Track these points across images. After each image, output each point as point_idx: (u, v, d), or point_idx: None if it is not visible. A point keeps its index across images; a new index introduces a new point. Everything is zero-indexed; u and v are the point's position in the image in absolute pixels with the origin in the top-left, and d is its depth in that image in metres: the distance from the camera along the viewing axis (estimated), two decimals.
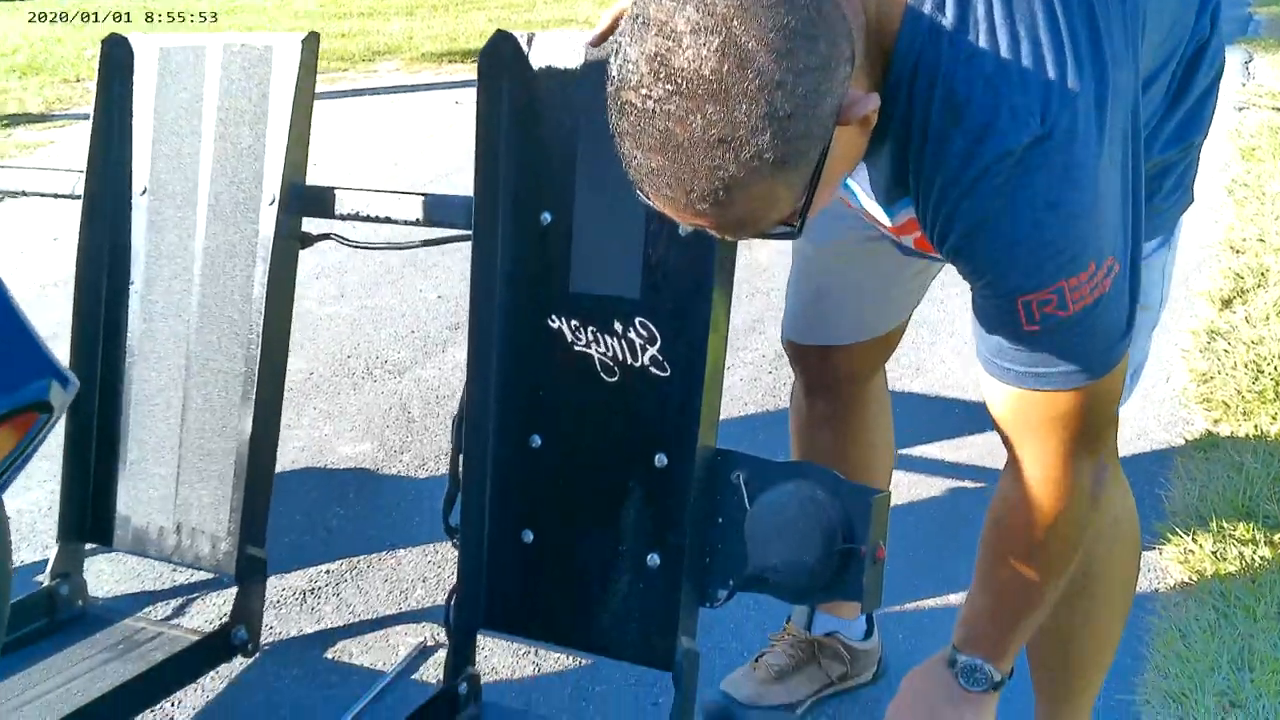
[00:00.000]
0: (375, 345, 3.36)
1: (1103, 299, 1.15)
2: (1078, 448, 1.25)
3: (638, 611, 1.64)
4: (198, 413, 1.85)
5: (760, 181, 1.01)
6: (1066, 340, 1.16)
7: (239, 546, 1.82)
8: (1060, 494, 1.28)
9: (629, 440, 1.60)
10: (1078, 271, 1.11)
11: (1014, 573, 1.33)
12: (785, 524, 1.49)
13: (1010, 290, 1.14)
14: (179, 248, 1.83)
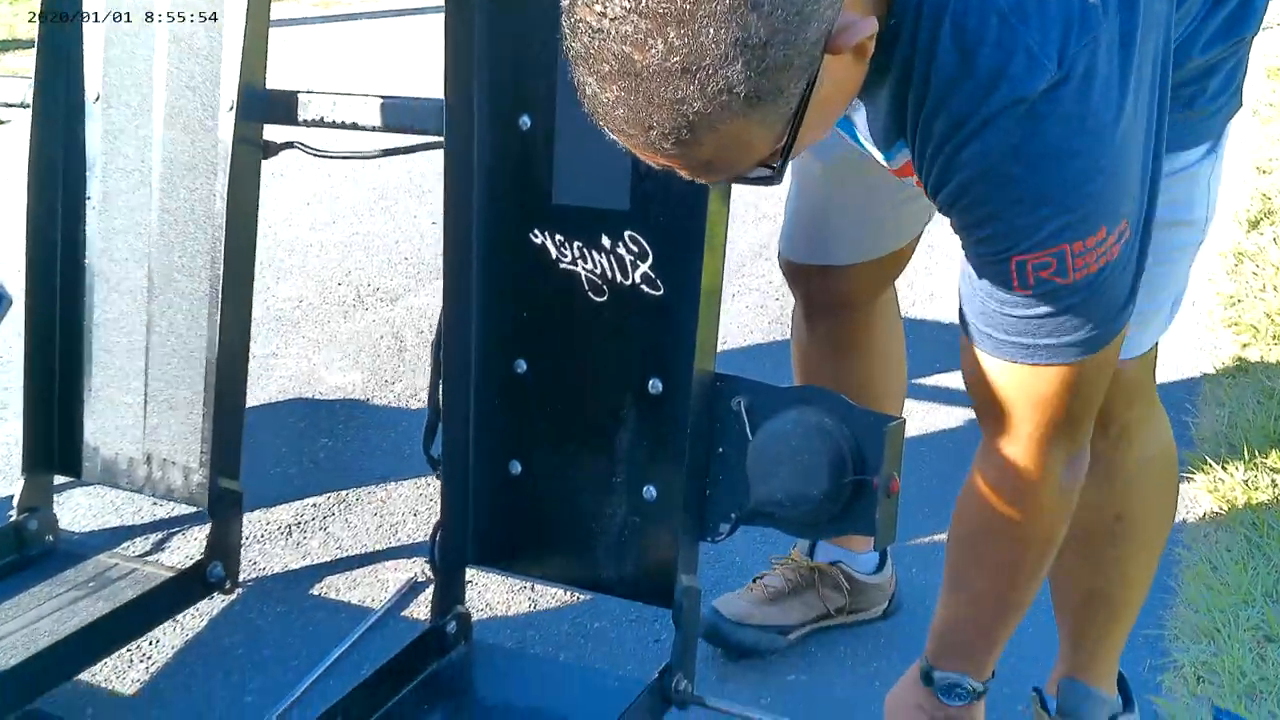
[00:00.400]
0: (367, 272, 3.24)
1: (1108, 267, 1.02)
2: (1057, 433, 1.13)
3: (634, 546, 1.53)
4: (162, 337, 1.74)
5: (730, 119, 0.89)
6: (1061, 310, 1.03)
7: (211, 479, 1.71)
8: (1034, 487, 1.16)
9: (620, 365, 1.48)
10: (1085, 235, 0.99)
11: (988, 577, 1.24)
12: (790, 454, 1.38)
13: (1005, 248, 1.02)
14: (136, 159, 1.70)
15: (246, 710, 1.77)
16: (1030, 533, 1.21)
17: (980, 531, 1.22)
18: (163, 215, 1.71)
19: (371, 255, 3.33)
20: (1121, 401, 1.38)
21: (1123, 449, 1.41)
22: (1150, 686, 1.75)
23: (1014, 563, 1.23)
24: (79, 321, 1.81)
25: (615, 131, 0.92)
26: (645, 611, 1.95)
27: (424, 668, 1.60)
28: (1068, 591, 1.53)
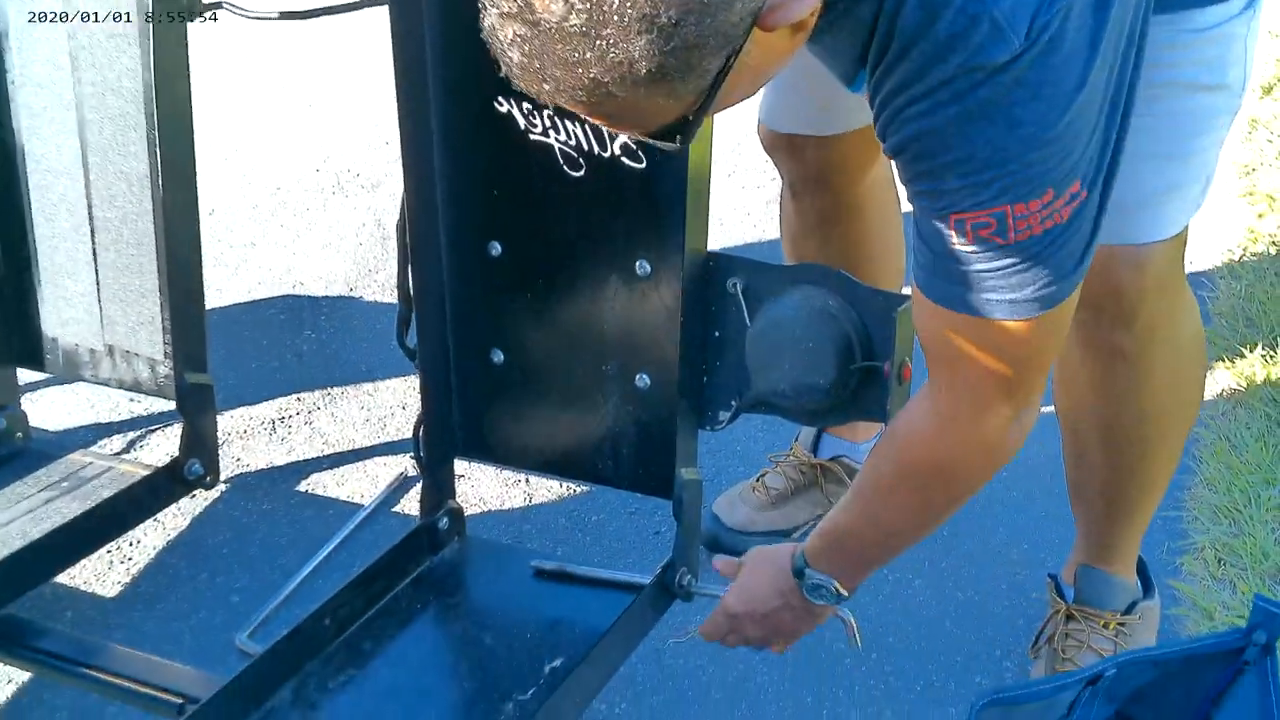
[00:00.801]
0: (346, 158, 3.10)
1: (1054, 231, 0.95)
2: (1001, 390, 1.05)
3: (630, 437, 1.45)
4: (106, 222, 1.63)
5: (631, 90, 0.80)
6: (1002, 268, 0.96)
7: (177, 373, 1.62)
8: (964, 436, 1.09)
9: (603, 245, 1.37)
10: (1029, 198, 0.92)
11: (896, 511, 1.18)
12: (793, 342, 1.28)
13: (944, 205, 0.95)
14: (52, 27, 1.56)
15: (233, 610, 1.72)
16: (953, 485, 1.15)
17: (904, 468, 1.15)
18: (85, 88, 1.57)
19: (350, 140, 3.19)
20: (1149, 290, 1.29)
21: (1149, 342, 1.32)
22: (1169, 570, 1.69)
23: (927, 508, 1.18)
24: (19, 208, 1.69)
25: (508, 72, 0.84)
26: (644, 503, 1.89)
27: (416, 565, 1.53)
28: (1087, 484, 1.46)
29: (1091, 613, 1.48)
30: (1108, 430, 1.38)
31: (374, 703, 1.35)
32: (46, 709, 1.56)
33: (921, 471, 1.13)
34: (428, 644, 1.46)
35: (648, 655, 1.61)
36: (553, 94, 0.83)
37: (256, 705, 1.32)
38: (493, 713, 1.32)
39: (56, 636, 1.48)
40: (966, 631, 1.63)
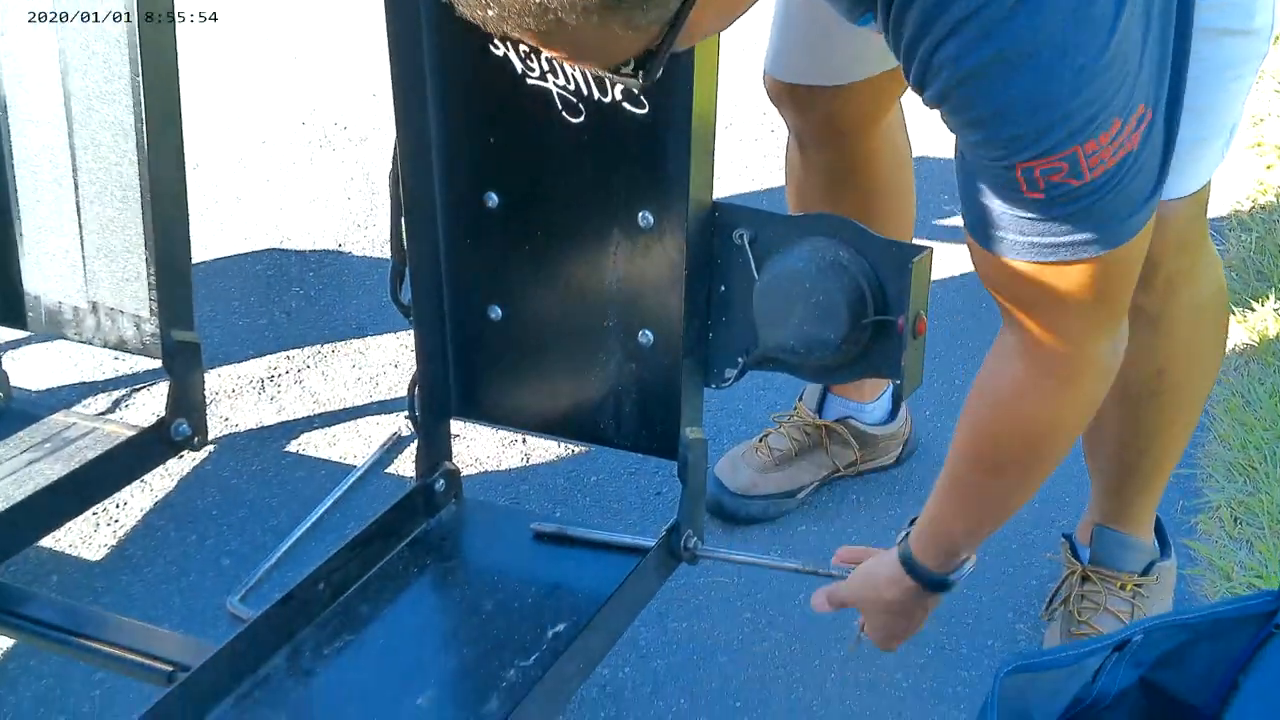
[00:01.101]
0: (333, 110, 3.03)
1: (1128, 159, 0.88)
2: (1097, 322, 1.00)
3: (633, 395, 1.40)
4: (91, 174, 1.56)
5: (584, 18, 0.73)
6: (1077, 209, 0.90)
7: (163, 331, 1.56)
8: (1073, 377, 1.03)
9: (604, 195, 1.31)
10: (1098, 133, 0.85)
11: (1008, 478, 1.12)
12: (803, 295, 1.22)
13: (1005, 154, 0.87)
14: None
15: (224, 573, 1.67)
16: (1072, 423, 1.09)
17: (1009, 434, 1.09)
18: (69, 33, 1.50)
19: (336, 92, 3.11)
20: (1169, 248, 1.23)
21: (1168, 300, 1.27)
22: (1184, 529, 1.65)
23: (1041, 459, 1.11)
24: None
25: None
26: (644, 464, 1.84)
27: (413, 528, 1.48)
28: (1105, 444, 1.41)
29: (1108, 574, 1.45)
30: (1124, 389, 1.33)
31: (371, 669, 1.31)
32: (32, 676, 1.52)
33: (1032, 418, 1.06)
34: (426, 609, 1.41)
35: (651, 619, 1.57)
36: (498, 21, 0.74)
37: (250, 672, 1.28)
38: (494, 679, 1.28)
39: (41, 602, 1.43)
40: (977, 593, 1.59)
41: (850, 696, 1.46)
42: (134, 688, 1.48)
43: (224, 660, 1.26)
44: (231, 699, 1.26)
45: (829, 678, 1.49)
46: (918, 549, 1.19)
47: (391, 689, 1.28)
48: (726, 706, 1.46)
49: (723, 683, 1.49)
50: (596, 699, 1.48)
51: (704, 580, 1.62)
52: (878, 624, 1.28)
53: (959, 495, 1.15)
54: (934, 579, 1.20)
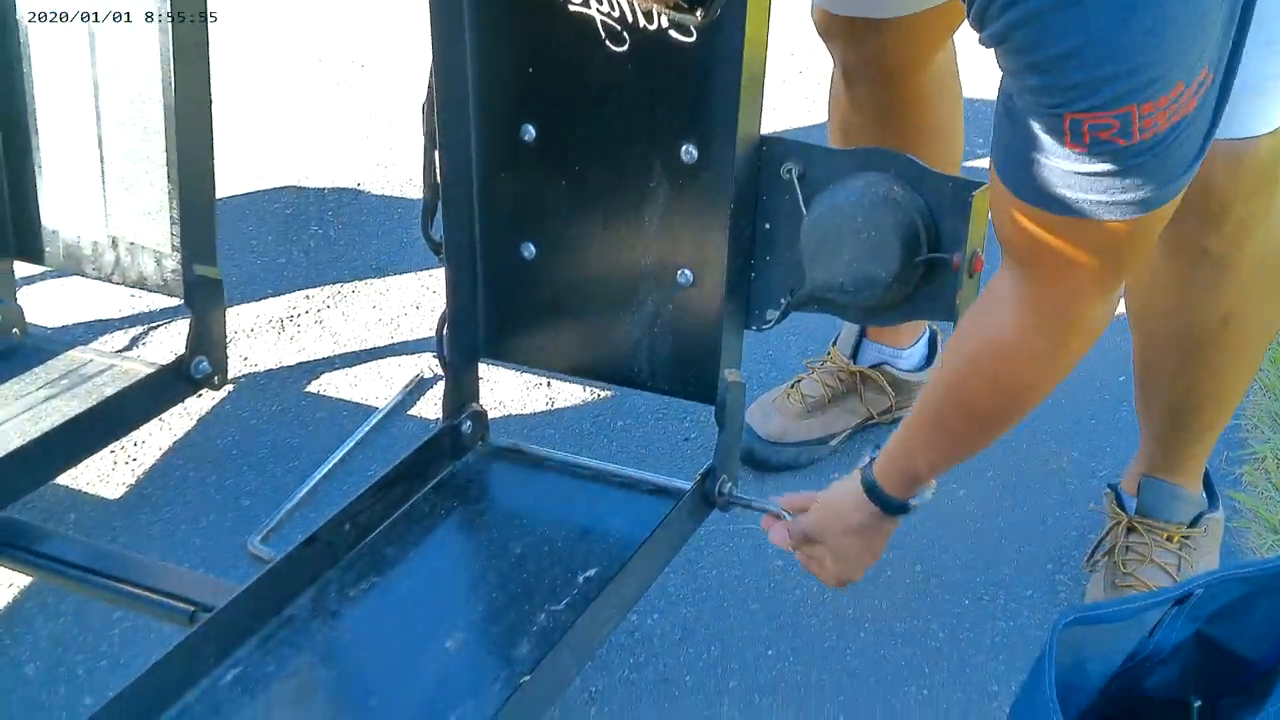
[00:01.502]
0: (351, 48, 2.96)
1: (1182, 123, 0.82)
2: (1102, 285, 0.96)
3: (669, 337, 1.36)
4: (112, 101, 1.51)
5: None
6: (1119, 170, 0.85)
7: (185, 265, 1.52)
8: (1064, 337, 1.00)
9: (647, 128, 1.26)
10: (1158, 95, 0.80)
11: (975, 422, 1.11)
12: (854, 231, 1.18)
13: (1058, 103, 0.82)
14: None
15: (244, 514, 1.64)
16: (1050, 382, 1.07)
17: (988, 385, 1.07)
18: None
19: (354, 30, 3.04)
20: (1243, 189, 1.17)
21: (1240, 244, 1.22)
22: (1228, 480, 1.61)
23: (1013, 411, 1.10)
24: (16, 87, 1.57)
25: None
26: (672, 407, 1.81)
27: (439, 470, 1.45)
28: (1160, 392, 1.37)
29: (1155, 525, 1.41)
30: (1185, 335, 1.29)
31: (398, 612, 1.28)
32: (49, 615, 1.49)
33: (1015, 373, 1.04)
34: (453, 552, 1.38)
35: (680, 565, 1.54)
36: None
37: (275, 613, 1.25)
38: (524, 623, 1.25)
39: (59, 540, 1.40)
40: (1015, 544, 1.56)
41: (885, 646, 1.43)
42: (153, 628, 1.46)
43: (248, 600, 1.23)
44: (255, 640, 1.23)
45: (863, 627, 1.46)
46: (881, 475, 1.20)
47: (419, 632, 1.25)
48: (758, 654, 1.43)
49: (754, 630, 1.46)
50: (625, 644, 1.45)
51: (735, 528, 1.59)
52: (838, 550, 1.27)
53: (929, 429, 1.15)
54: (895, 504, 1.21)
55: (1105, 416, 1.73)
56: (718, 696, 1.38)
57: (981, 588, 1.50)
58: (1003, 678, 1.38)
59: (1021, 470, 1.66)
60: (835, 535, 1.27)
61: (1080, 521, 1.57)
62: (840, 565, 1.28)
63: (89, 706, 1.37)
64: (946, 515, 1.61)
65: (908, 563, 1.54)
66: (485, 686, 1.17)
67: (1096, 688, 1.04)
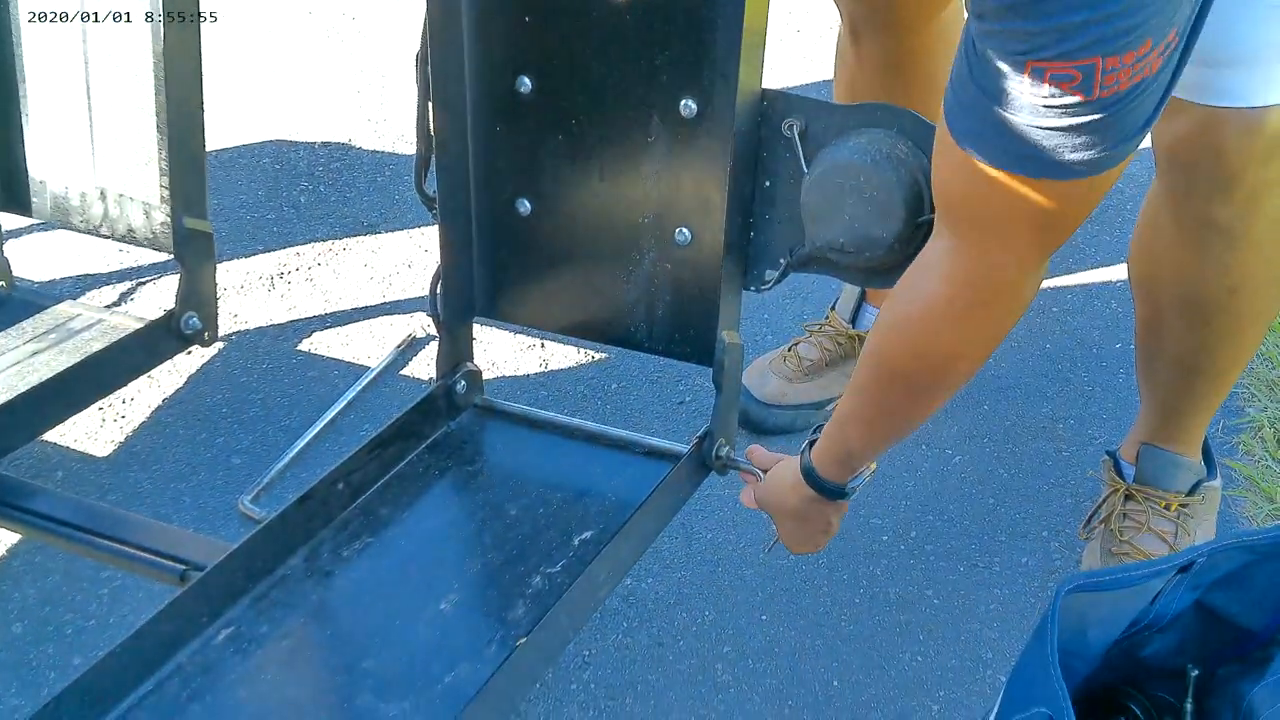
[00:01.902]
0: (341, 0, 2.92)
1: (1143, 84, 0.80)
2: (1039, 249, 0.93)
3: (666, 297, 1.34)
4: (100, 48, 1.47)
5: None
6: (1073, 127, 0.82)
7: (175, 218, 1.49)
8: (991, 302, 0.97)
9: (645, 82, 1.24)
10: (1124, 50, 0.77)
11: (907, 395, 1.07)
12: (855, 188, 1.16)
13: (1022, 50, 0.79)
14: None
15: (235, 472, 1.63)
16: (976, 352, 1.03)
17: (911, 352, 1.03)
18: None
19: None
20: (1256, 158, 1.15)
21: (1251, 214, 1.19)
22: (1225, 449, 1.61)
23: (939, 383, 1.06)
24: (4, 38, 1.54)
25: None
26: (666, 370, 1.79)
27: (433, 429, 1.43)
28: (1162, 360, 1.35)
29: (1153, 493, 1.40)
30: (1191, 303, 1.27)
31: (393, 573, 1.26)
32: (38, 571, 1.48)
33: (939, 340, 1.00)
34: (448, 512, 1.36)
35: (675, 530, 1.53)
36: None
37: (268, 572, 1.23)
38: (520, 585, 1.24)
39: (47, 497, 1.38)
40: (1010, 510, 1.55)
41: (880, 611, 1.43)
42: (143, 586, 1.45)
43: (240, 559, 1.21)
44: (248, 599, 1.22)
45: (858, 593, 1.45)
46: (818, 459, 1.17)
47: (414, 593, 1.24)
48: (752, 619, 1.43)
49: (748, 595, 1.46)
50: (619, 608, 1.45)
51: (731, 492, 1.58)
52: (785, 529, 1.26)
53: (858, 401, 1.11)
54: (831, 489, 1.18)
55: (1102, 383, 1.72)
56: (711, 661, 1.38)
57: (976, 554, 1.49)
58: (997, 644, 1.38)
59: (1017, 437, 1.66)
60: (780, 515, 1.26)
61: (1076, 488, 1.57)
62: (790, 540, 1.28)
63: (78, 666, 1.35)
64: (941, 481, 1.60)
65: (902, 529, 1.53)
66: (481, 649, 1.16)
67: (1097, 655, 1.04)
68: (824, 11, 2.76)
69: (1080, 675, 1.04)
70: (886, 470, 1.61)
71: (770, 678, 1.36)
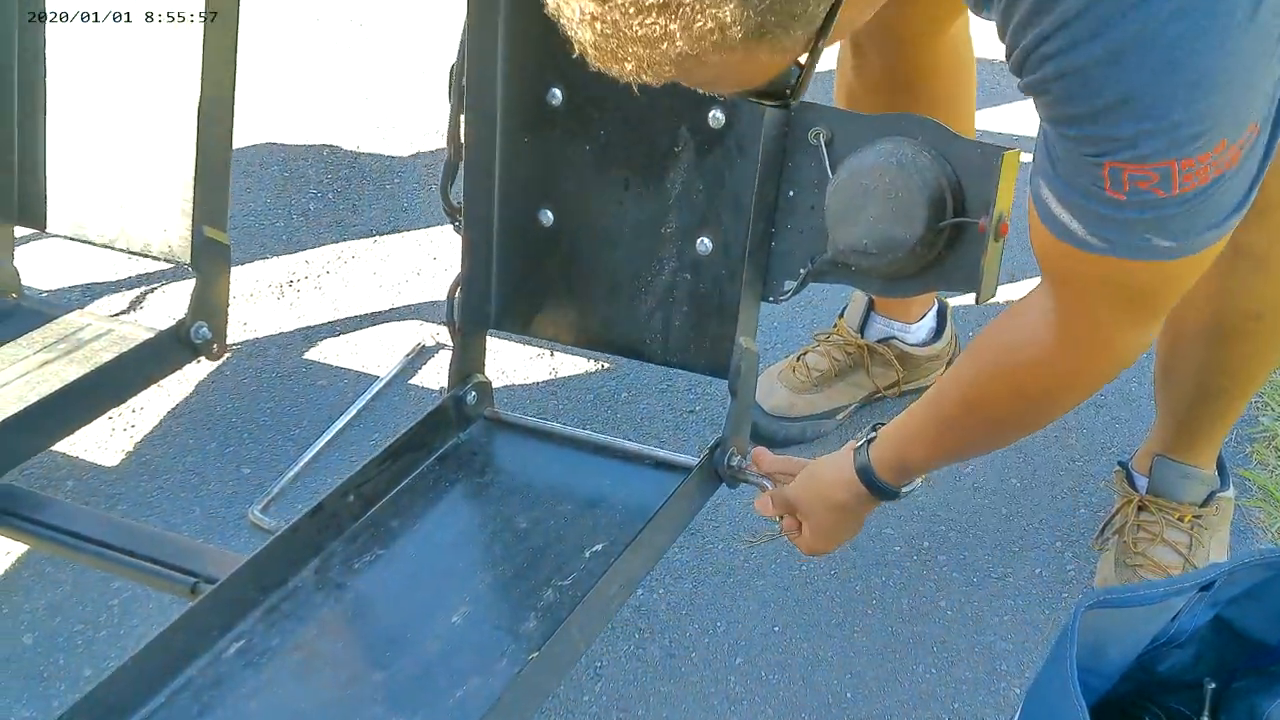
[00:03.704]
0: (351, 6, 2.91)
1: (1225, 176, 0.81)
2: (1136, 321, 0.95)
3: (684, 308, 1.33)
4: (125, 60, 1.47)
5: (726, 54, 0.68)
6: (1155, 217, 0.83)
7: (194, 228, 1.49)
8: (1095, 362, 1.00)
9: (674, 92, 1.21)
10: (1200, 152, 0.78)
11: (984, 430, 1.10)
12: (880, 189, 1.15)
13: (1097, 152, 0.81)
14: None
15: (244, 482, 1.62)
16: (1074, 400, 1.07)
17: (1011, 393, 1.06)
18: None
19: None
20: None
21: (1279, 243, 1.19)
22: (1238, 458, 1.60)
23: (1030, 423, 1.11)
24: (30, 50, 1.54)
25: (583, 51, 0.72)
26: (675, 382, 1.78)
27: (444, 441, 1.43)
28: (1182, 379, 1.34)
29: (1166, 504, 1.39)
30: (1215, 327, 1.26)
31: (403, 585, 1.26)
32: (48, 583, 1.48)
33: (1038, 384, 1.03)
34: (459, 524, 1.36)
35: (686, 540, 1.52)
36: (636, 73, 0.71)
37: (279, 584, 1.23)
38: (531, 598, 1.23)
39: (57, 508, 1.38)
40: (1023, 521, 1.54)
41: (893, 623, 1.42)
42: (154, 597, 1.44)
43: (251, 572, 1.21)
44: (259, 611, 1.21)
45: (871, 603, 1.45)
46: (877, 460, 1.18)
47: (425, 606, 1.23)
48: (764, 630, 1.42)
49: (760, 606, 1.45)
50: (630, 620, 1.44)
51: (742, 502, 1.57)
52: (817, 523, 1.26)
53: (937, 427, 1.13)
54: (887, 490, 1.19)
55: (1116, 393, 1.71)
56: (724, 672, 1.37)
57: (989, 565, 1.49)
58: (1011, 656, 1.37)
59: (1029, 446, 1.65)
60: (818, 509, 1.25)
61: (1090, 499, 1.56)
62: (816, 538, 1.28)
63: (89, 678, 1.35)
64: (954, 492, 1.59)
65: (914, 539, 1.52)
66: (492, 662, 1.15)
67: (1116, 672, 1.03)
68: None
69: (1098, 693, 1.04)
70: None
71: (783, 689, 1.35)
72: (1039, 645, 1.38)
